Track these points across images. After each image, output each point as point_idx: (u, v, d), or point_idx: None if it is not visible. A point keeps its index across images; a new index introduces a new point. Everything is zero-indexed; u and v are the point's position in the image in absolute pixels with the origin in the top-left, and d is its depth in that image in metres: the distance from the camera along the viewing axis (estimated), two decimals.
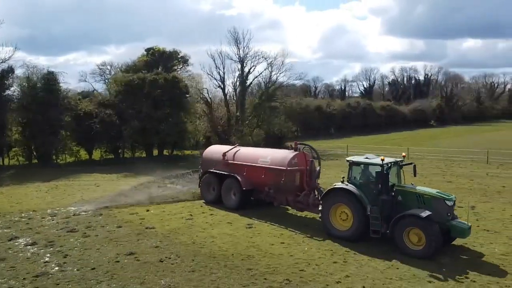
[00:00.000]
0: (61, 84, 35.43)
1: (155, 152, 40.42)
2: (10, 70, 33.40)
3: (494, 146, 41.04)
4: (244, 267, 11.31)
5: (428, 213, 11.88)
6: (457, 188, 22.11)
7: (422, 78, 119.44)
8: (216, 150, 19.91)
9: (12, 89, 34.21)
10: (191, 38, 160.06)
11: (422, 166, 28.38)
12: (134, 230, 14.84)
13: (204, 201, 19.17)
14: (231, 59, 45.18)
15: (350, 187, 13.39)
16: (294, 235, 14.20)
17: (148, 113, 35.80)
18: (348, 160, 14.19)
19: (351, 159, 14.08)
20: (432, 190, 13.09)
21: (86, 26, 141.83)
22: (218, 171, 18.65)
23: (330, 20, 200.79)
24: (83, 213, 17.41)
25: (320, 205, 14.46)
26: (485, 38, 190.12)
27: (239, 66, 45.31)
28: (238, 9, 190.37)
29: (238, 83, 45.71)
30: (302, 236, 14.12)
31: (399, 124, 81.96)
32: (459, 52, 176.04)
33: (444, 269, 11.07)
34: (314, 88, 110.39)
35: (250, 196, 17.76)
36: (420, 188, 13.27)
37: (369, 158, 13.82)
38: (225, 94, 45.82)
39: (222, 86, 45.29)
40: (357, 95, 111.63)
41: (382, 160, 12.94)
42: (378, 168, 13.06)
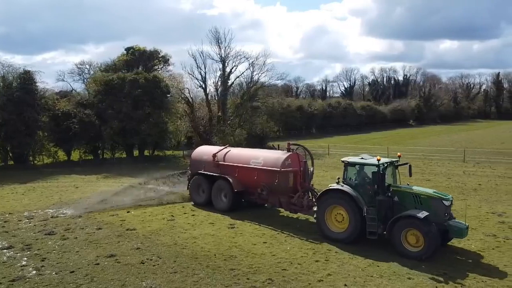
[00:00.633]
0: (38, 83, 34.53)
1: (136, 152, 39.94)
2: None
3: (471, 145, 42.18)
4: (226, 267, 11.29)
5: (425, 214, 11.75)
6: (435, 186, 22.43)
7: (401, 78, 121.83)
8: (205, 151, 19.35)
9: None
10: (172, 38, 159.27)
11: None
12: (115, 231, 14.61)
13: (193, 203, 18.73)
14: (213, 59, 44.96)
15: (346, 188, 13.11)
16: (277, 235, 14.24)
17: (128, 113, 35.25)
18: (343, 160, 13.87)
19: (347, 160, 13.77)
20: (428, 190, 12.93)
21: (64, 24, 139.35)
22: (208, 173, 18.20)
23: (311, 20, 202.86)
24: (62, 215, 17.06)
25: (314, 206, 14.27)
26: (461, 40, 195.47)
27: (221, 66, 45.11)
28: (219, 8, 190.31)
29: (219, 83, 45.50)
30: (284, 235, 14.17)
31: (379, 124, 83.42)
32: (437, 53, 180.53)
33: (423, 266, 11.27)
34: (295, 88, 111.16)
35: (241, 198, 17.38)
36: (416, 188, 13.14)
37: (364, 159, 13.58)
38: (206, 94, 45.59)
39: (204, 86, 45.03)
40: (338, 95, 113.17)
41: (378, 160, 12.75)
42: (374, 168, 12.83)
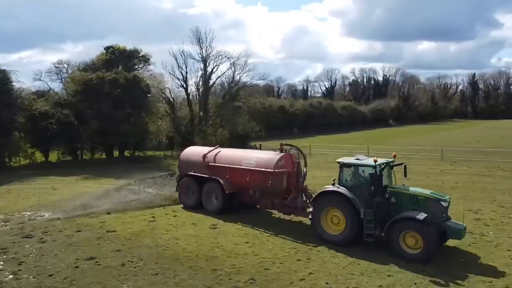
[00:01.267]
0: (14, 83, 33.86)
1: (116, 153, 39.44)
2: None
3: (448, 144, 43.11)
4: (209, 268, 11.25)
5: (424, 215, 11.58)
6: (414, 185, 22.75)
7: (381, 78, 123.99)
8: (195, 152, 18.85)
9: None
10: (153, 37, 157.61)
11: None
12: (94, 234, 14.38)
13: (182, 206, 18.28)
14: (194, 59, 44.94)
15: (342, 190, 12.83)
16: (259, 235, 14.27)
17: (107, 113, 34.79)
18: (338, 161, 13.53)
19: (342, 161, 13.44)
20: (426, 191, 12.73)
21: (41, 22, 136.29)
22: (198, 174, 17.75)
23: (292, 21, 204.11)
24: (39, 217, 16.69)
25: (308, 208, 14.13)
26: (438, 41, 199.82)
27: (202, 66, 45.13)
28: (200, 8, 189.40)
29: (201, 83, 45.43)
30: (266, 235, 14.20)
31: (360, 123, 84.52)
32: (415, 54, 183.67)
33: (402, 263, 11.47)
34: (277, 88, 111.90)
35: (232, 199, 16.89)
36: (413, 189, 12.91)
37: (360, 159, 13.32)
38: (187, 94, 45.43)
39: (185, 86, 44.90)
40: (319, 95, 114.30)
41: (375, 161, 12.53)
42: (370, 169, 12.50)
